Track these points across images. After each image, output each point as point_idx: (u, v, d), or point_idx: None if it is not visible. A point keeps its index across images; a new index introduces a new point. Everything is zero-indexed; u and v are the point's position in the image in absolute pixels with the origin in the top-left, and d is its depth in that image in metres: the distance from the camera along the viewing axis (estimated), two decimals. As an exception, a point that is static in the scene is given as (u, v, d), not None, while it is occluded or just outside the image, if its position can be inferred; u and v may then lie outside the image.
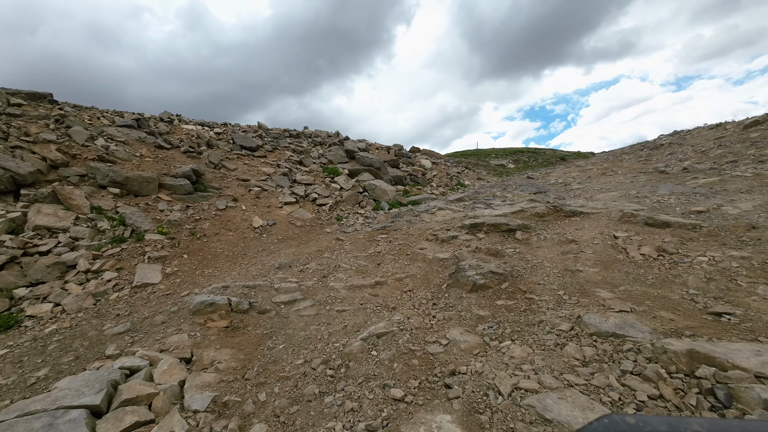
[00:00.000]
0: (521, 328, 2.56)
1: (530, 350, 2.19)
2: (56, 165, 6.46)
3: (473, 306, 3.14)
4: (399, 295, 3.68)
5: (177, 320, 3.23)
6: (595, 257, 3.64)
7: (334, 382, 2.17)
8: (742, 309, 2.38)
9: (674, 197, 5.63)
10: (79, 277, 4.33)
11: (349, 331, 2.89)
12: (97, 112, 9.92)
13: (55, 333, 3.16)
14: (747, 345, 1.83)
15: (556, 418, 1.51)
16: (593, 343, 2.11)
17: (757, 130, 10.96)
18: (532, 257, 4.03)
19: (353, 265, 4.64)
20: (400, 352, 2.46)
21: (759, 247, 3.33)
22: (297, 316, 3.31)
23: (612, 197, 6.34)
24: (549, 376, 1.84)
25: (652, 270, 3.18)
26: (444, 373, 2.10)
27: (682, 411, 1.50)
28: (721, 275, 2.92)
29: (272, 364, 2.50)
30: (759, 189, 5.40)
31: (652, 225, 4.16)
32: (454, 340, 2.54)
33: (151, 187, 6.87)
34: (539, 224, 5.19)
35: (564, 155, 32.37)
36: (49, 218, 5.16)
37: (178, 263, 4.96)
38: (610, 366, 1.87)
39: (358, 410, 1.84)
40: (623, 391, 1.67)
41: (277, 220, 7.11)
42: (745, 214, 4.21)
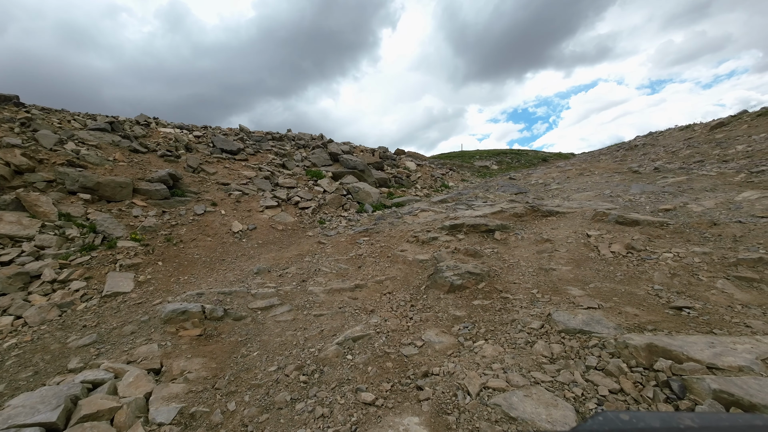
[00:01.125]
0: (495, 327, 2.60)
1: (501, 349, 2.22)
2: (21, 170, 6.16)
3: (450, 306, 3.16)
4: (378, 297, 3.67)
5: (147, 330, 3.12)
6: (568, 255, 3.74)
7: (307, 388, 2.14)
8: (702, 303, 2.49)
9: (645, 196, 5.85)
10: (44, 287, 4.12)
11: (326, 336, 2.86)
12: (67, 115, 9.53)
13: (15, 347, 3.00)
14: (702, 337, 1.91)
15: (521, 416, 1.54)
16: (561, 340, 2.16)
17: (722, 131, 11.55)
18: (509, 257, 4.10)
19: (334, 269, 4.61)
20: (376, 355, 2.45)
21: (719, 242, 3.49)
22: (273, 321, 3.26)
23: (587, 197, 6.54)
24: (517, 375, 1.87)
25: (621, 267, 3.29)
26: (417, 375, 2.10)
27: (639, 404, 1.55)
28: (684, 271, 3.05)
29: (244, 372, 2.45)
30: (722, 187, 5.68)
31: (623, 223, 4.31)
32: (430, 341, 2.55)
33: (125, 192, 6.63)
34: (517, 224, 5.29)
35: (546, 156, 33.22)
36: (12, 226, 4.90)
37: (152, 270, 4.80)
38: (575, 362, 1.91)
39: (328, 416, 1.82)
40: (586, 386, 1.71)
41: (258, 224, 6.99)
42: (708, 211, 4.41)
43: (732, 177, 6.30)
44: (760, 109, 11.61)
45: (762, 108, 11.64)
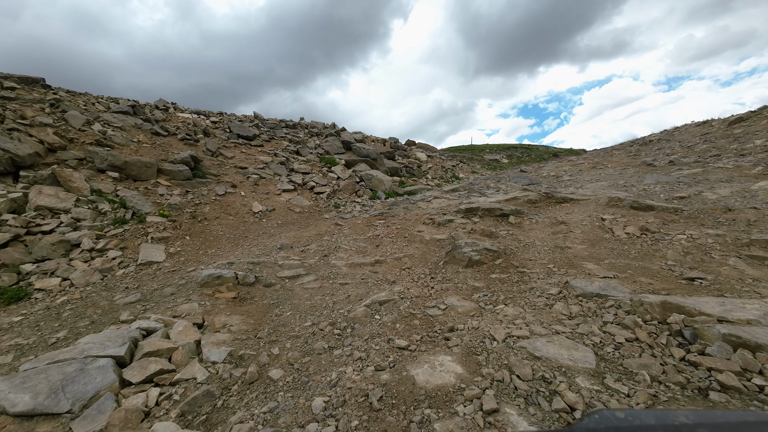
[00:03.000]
0: (514, 295, 2.77)
1: (522, 310, 2.39)
2: (54, 148, 6.45)
3: (469, 279, 3.33)
4: (398, 271, 3.86)
5: (186, 292, 3.36)
6: (583, 236, 3.87)
7: (342, 339, 2.34)
8: (713, 275, 2.62)
9: (659, 186, 5.91)
10: (83, 255, 4.40)
11: (353, 300, 3.06)
12: (91, 97, 9.83)
13: (67, 303, 3.26)
14: (713, 299, 2.05)
15: (545, 355, 1.71)
16: (579, 302, 2.32)
17: (740, 127, 11.39)
18: (525, 238, 4.24)
19: (353, 246, 4.80)
20: (402, 315, 2.64)
21: (733, 226, 3.59)
22: (301, 288, 3.47)
23: (601, 186, 6.61)
24: (539, 327, 2.04)
25: (635, 246, 3.42)
26: (443, 330, 2.29)
27: (653, 349, 1.71)
28: (698, 250, 3.17)
29: (282, 327, 2.66)
30: (738, 179, 5.70)
31: (637, 209, 4.41)
32: (452, 305, 2.73)
33: (150, 172, 6.90)
34: (531, 210, 5.41)
35: (557, 152, 32.88)
36: (51, 199, 5.19)
37: (181, 244, 5.06)
38: (593, 318, 2.08)
39: (365, 358, 2.02)
40: (604, 336, 1.87)
41: (276, 206, 7.22)
42: (723, 198, 4.48)
43: (749, 170, 6.29)
44: (782, 104, 11.38)
45: (784, 103, 11.40)
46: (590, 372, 1.58)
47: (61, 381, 1.82)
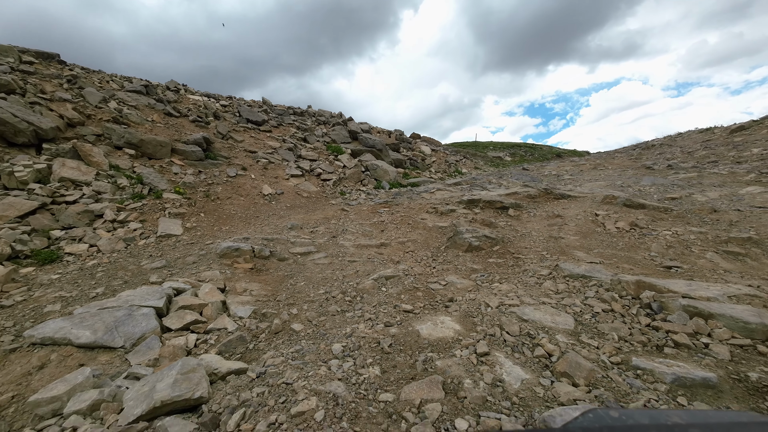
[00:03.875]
0: (508, 276, 3.05)
1: (514, 287, 2.67)
2: (73, 123, 6.67)
3: (468, 262, 3.61)
4: (402, 253, 4.14)
5: (207, 261, 3.64)
6: (576, 229, 4.14)
7: (353, 305, 2.63)
8: (689, 265, 2.89)
9: (654, 187, 6.16)
10: (106, 225, 4.68)
11: (361, 275, 3.34)
12: (105, 75, 9.99)
13: (98, 266, 3.55)
14: (683, 281, 2.33)
15: (531, 318, 1.99)
16: (566, 282, 2.60)
17: (741, 135, 11.57)
18: (522, 228, 4.52)
19: (359, 230, 5.08)
20: (406, 288, 2.92)
21: (716, 225, 3.86)
22: (313, 263, 3.76)
23: (599, 185, 6.86)
24: (528, 298, 2.32)
25: (623, 239, 3.69)
26: (444, 300, 2.57)
27: (625, 317, 1.99)
28: (680, 244, 3.44)
29: (297, 294, 2.95)
30: (730, 184, 5.95)
31: (630, 206, 4.67)
32: (452, 282, 3.01)
33: (164, 151, 7.13)
34: (530, 204, 5.68)
35: (560, 152, 32.95)
36: (73, 172, 5.45)
37: (196, 220, 5.34)
38: (576, 294, 2.36)
39: (375, 319, 2.30)
40: (584, 307, 2.15)
41: (285, 190, 7.47)
42: (711, 201, 4.74)
43: (742, 176, 6.53)
44: (783, 115, 11.54)
45: (786, 114, 11.56)
46: (568, 331, 1.86)
47: (113, 322, 2.10)
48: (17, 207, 4.42)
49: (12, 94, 6.38)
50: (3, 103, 5.76)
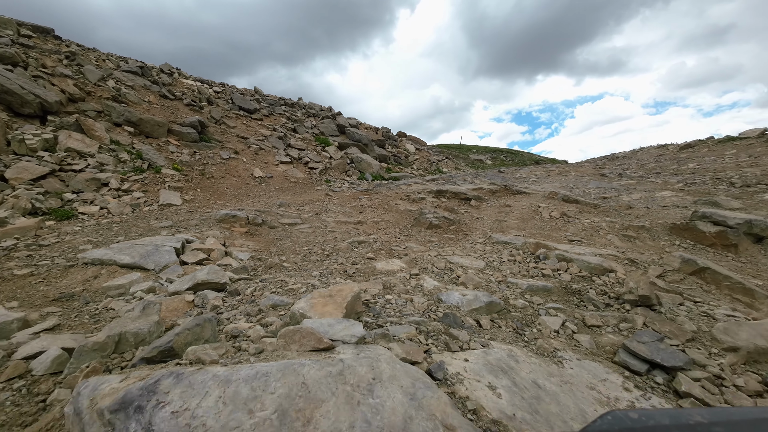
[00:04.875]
0: (455, 244, 3.87)
1: (456, 249, 3.50)
2: (74, 99, 7.05)
3: (427, 235, 4.42)
4: (375, 229, 4.90)
5: (207, 224, 4.29)
6: (518, 215, 5.03)
7: (330, 256, 3.37)
8: (589, 241, 3.80)
9: (596, 190, 7.19)
10: (112, 192, 5.21)
11: (338, 240, 4.09)
12: (101, 54, 10.22)
13: (112, 223, 4.14)
14: (569, 245, 3.21)
15: (456, 261, 2.80)
16: (492, 245, 3.44)
17: (686, 152, 13.01)
18: (477, 214, 5.38)
19: (340, 211, 5.81)
20: (373, 249, 3.69)
21: (625, 217, 4.83)
22: (299, 231, 4.47)
23: (553, 186, 7.86)
24: (460, 252, 3.14)
25: (551, 223, 4.60)
26: (399, 253, 3.36)
27: (521, 263, 2.83)
28: (592, 228, 4.37)
29: (285, 249, 3.67)
30: (657, 189, 7.04)
31: (567, 201, 5.61)
32: (410, 246, 3.80)
33: (162, 131, 7.60)
34: (490, 197, 6.57)
35: (539, 159, 34.50)
36: (78, 143, 5.90)
37: (193, 194, 5.92)
38: (495, 252, 3.20)
39: (345, 263, 3.06)
40: (496, 257, 2.99)
41: (274, 174, 8.09)
42: (631, 200, 5.76)
43: (672, 185, 7.66)
44: (724, 136, 13.05)
45: (726, 136, 13.08)
46: (478, 268, 2.68)
47: (145, 253, 2.77)
48: (30, 171, 4.89)
49: (16, 67, 6.71)
50: (10, 75, 6.12)
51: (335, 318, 1.26)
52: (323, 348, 1.01)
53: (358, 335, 1.12)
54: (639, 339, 1.58)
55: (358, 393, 0.81)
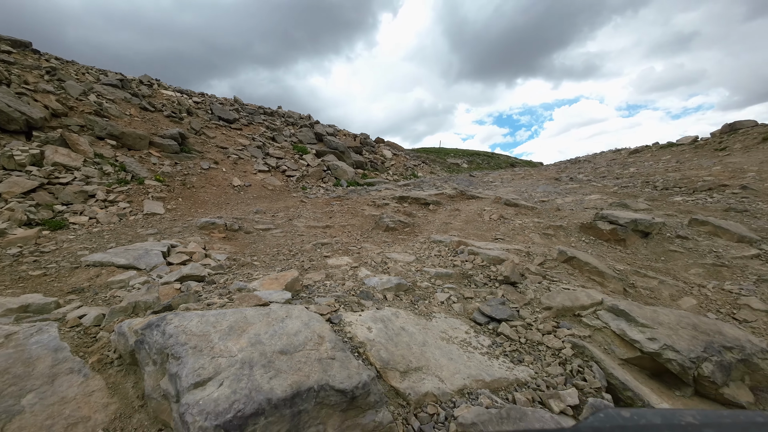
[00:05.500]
0: (402, 244, 4.63)
1: (399, 248, 4.25)
2: (57, 114, 7.44)
3: (383, 237, 5.17)
4: (340, 233, 5.61)
5: (189, 231, 4.89)
6: (464, 218, 5.86)
7: (295, 256, 4.06)
8: (511, 239, 4.64)
9: (541, 193, 8.16)
10: (99, 203, 5.70)
11: (305, 243, 4.77)
12: (81, 67, 10.51)
13: (102, 232, 4.67)
14: (485, 242, 4.02)
15: (393, 257, 3.55)
16: (429, 244, 4.21)
17: (633, 157, 14.38)
18: (431, 218, 6.18)
19: (312, 216, 6.49)
20: (333, 249, 4.40)
21: (551, 218, 5.73)
22: (271, 236, 5.12)
23: (506, 191, 8.79)
24: (400, 250, 3.90)
25: (489, 224, 5.44)
26: (353, 252, 4.09)
27: (444, 257, 3.60)
28: (521, 228, 5.23)
29: (258, 251, 4.33)
30: (591, 192, 8.07)
31: (508, 205, 6.50)
32: (365, 247, 4.53)
33: (143, 143, 8.07)
34: (447, 201, 7.40)
35: (514, 162, 36.05)
36: (64, 158, 6.34)
37: (175, 203, 6.46)
38: (429, 249, 3.97)
39: (306, 261, 3.76)
40: (426, 253, 3.75)
41: (252, 183, 8.67)
42: (563, 203, 6.71)
43: (609, 188, 8.73)
44: (666, 143, 14.50)
45: (667, 142, 14.53)
46: (408, 261, 3.44)
47: (137, 256, 3.38)
48: (21, 185, 5.34)
49: (0, 85, 7.05)
50: (-4, 93, 6.49)
51: (275, 290, 1.96)
52: (261, 304, 1.70)
53: (287, 298, 1.82)
54: (488, 304, 2.36)
55: (274, 321, 1.51)
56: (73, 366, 1.39)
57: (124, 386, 1.35)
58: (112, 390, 1.33)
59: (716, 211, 5.77)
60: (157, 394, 1.23)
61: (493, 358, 1.87)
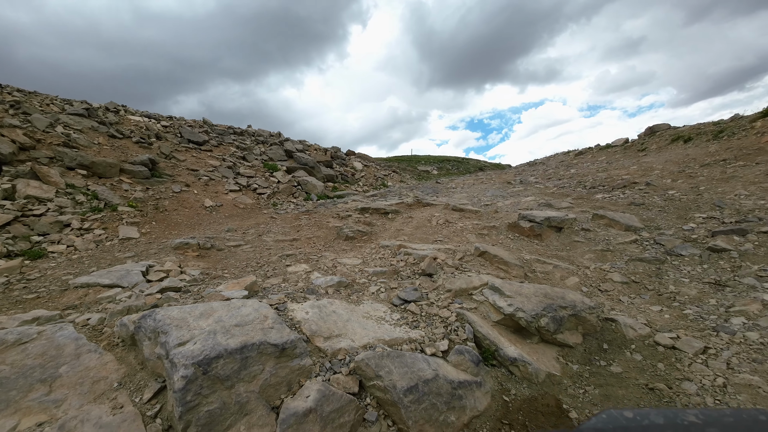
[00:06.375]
0: (357, 251, 5.37)
1: (352, 254, 4.99)
2: (25, 147, 7.69)
3: (343, 246, 5.89)
4: (306, 244, 6.28)
5: (165, 252, 5.40)
6: (415, 224, 6.70)
7: (262, 267, 4.70)
8: (449, 239, 5.49)
9: (488, 197, 9.19)
10: (75, 232, 6.07)
11: (272, 255, 5.41)
12: (45, 98, 10.65)
13: (82, 258, 5.11)
14: (422, 244, 4.85)
15: (341, 261, 4.27)
16: (378, 248, 4.98)
17: (578, 159, 15.99)
18: (388, 226, 6.97)
19: (280, 231, 7.12)
20: (296, 260, 5.07)
21: (490, 220, 6.67)
22: (241, 251, 5.72)
23: (459, 197, 9.78)
24: (352, 256, 4.63)
25: (435, 228, 6.29)
26: (312, 260, 4.78)
27: (387, 258, 4.37)
28: (461, 230, 6.11)
29: (229, 266, 4.92)
30: (531, 194, 9.18)
31: (455, 210, 7.41)
32: (324, 255, 5.23)
33: (114, 171, 8.41)
34: (405, 210, 8.23)
35: (483, 165, 37.86)
36: (36, 190, 6.65)
37: (149, 227, 6.89)
38: (376, 252, 4.73)
39: (270, 270, 4.41)
40: (371, 256, 4.51)
41: (224, 203, 9.16)
42: (503, 206, 7.72)
43: (548, 190, 9.91)
44: (605, 144, 16.22)
45: (606, 144, 16.25)
46: (354, 264, 4.17)
47: (120, 276, 3.92)
48: (-4, 219, 5.65)
49: (-34, 122, 7.25)
50: (-37, 132, 6.72)
51: (236, 290, 2.62)
52: (224, 299, 2.36)
53: (245, 295, 2.48)
54: (404, 290, 3.14)
55: (233, 308, 2.19)
56: (90, 348, 2.00)
57: (128, 358, 1.98)
58: (120, 360, 1.95)
59: (623, 205, 6.94)
60: (153, 357, 1.87)
61: (397, 327, 2.63)
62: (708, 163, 7.92)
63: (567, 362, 2.60)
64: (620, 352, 2.69)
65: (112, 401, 1.67)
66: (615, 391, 2.31)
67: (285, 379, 1.87)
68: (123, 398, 1.70)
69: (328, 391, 1.82)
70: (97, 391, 1.73)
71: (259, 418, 1.67)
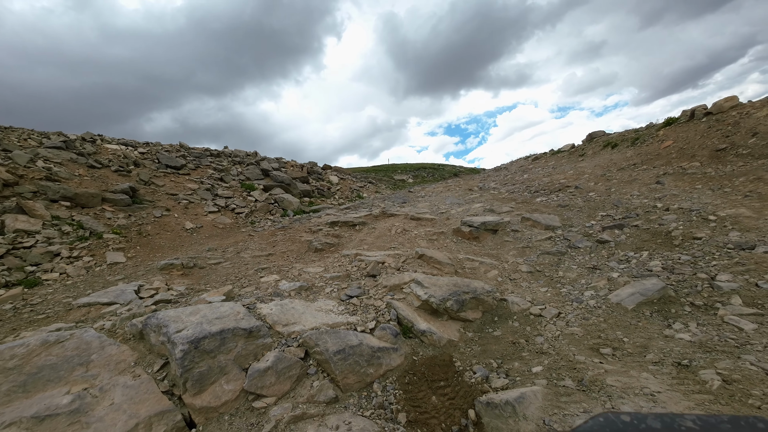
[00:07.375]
0: (323, 261, 6.25)
1: (318, 263, 5.87)
2: (9, 183, 8.17)
3: (312, 257, 6.76)
4: (280, 258, 7.10)
5: (151, 273, 6.10)
6: (376, 234, 7.65)
7: (240, 280, 5.50)
8: (402, 244, 6.46)
9: (446, 205, 10.29)
10: (65, 260, 6.65)
11: (249, 270, 6.21)
12: (22, 132, 11.03)
13: (76, 283, 5.74)
14: (378, 252, 5.80)
15: (307, 270, 5.15)
16: (340, 257, 5.88)
17: (534, 163, 17.54)
18: (354, 237, 7.89)
19: (257, 247, 7.90)
20: (270, 271, 5.90)
21: (441, 226, 7.70)
22: (222, 268, 6.48)
23: (422, 206, 10.84)
24: (317, 265, 5.52)
25: (393, 236, 7.26)
26: (284, 272, 5.63)
27: (344, 265, 5.28)
28: (415, 237, 7.10)
29: (210, 281, 5.70)
30: (483, 202, 10.34)
31: (413, 219, 8.43)
32: (294, 266, 6.09)
33: (96, 200, 8.96)
34: (371, 221, 9.19)
35: (458, 171, 39.48)
36: (24, 223, 7.18)
37: (134, 252, 7.52)
38: (338, 261, 5.63)
39: (245, 281, 5.22)
40: (334, 264, 5.41)
41: (204, 224, 9.83)
42: (456, 213, 8.81)
43: (501, 195, 11.14)
44: (557, 149, 17.85)
45: (558, 149, 17.89)
46: (317, 272, 5.06)
47: (116, 295, 4.65)
48: (-10, 253, 6.19)
49: (-50, 164, 7.69)
50: (-49, 173, 7.19)
51: (217, 296, 3.46)
52: (208, 303, 3.19)
53: (223, 299, 3.31)
54: (350, 288, 4.06)
55: (214, 308, 3.02)
56: (110, 342, 2.78)
57: (139, 347, 2.78)
58: (133, 349, 2.75)
59: (553, 207, 8.16)
60: (158, 343, 2.69)
61: (340, 315, 3.54)
62: (623, 167, 9.33)
63: (465, 332, 3.58)
64: (505, 321, 3.70)
65: (131, 372, 2.47)
66: (491, 347, 3.30)
67: (252, 352, 2.74)
68: (139, 371, 2.50)
69: (282, 356, 2.70)
70: (120, 368, 2.53)
71: (234, 375, 2.53)
